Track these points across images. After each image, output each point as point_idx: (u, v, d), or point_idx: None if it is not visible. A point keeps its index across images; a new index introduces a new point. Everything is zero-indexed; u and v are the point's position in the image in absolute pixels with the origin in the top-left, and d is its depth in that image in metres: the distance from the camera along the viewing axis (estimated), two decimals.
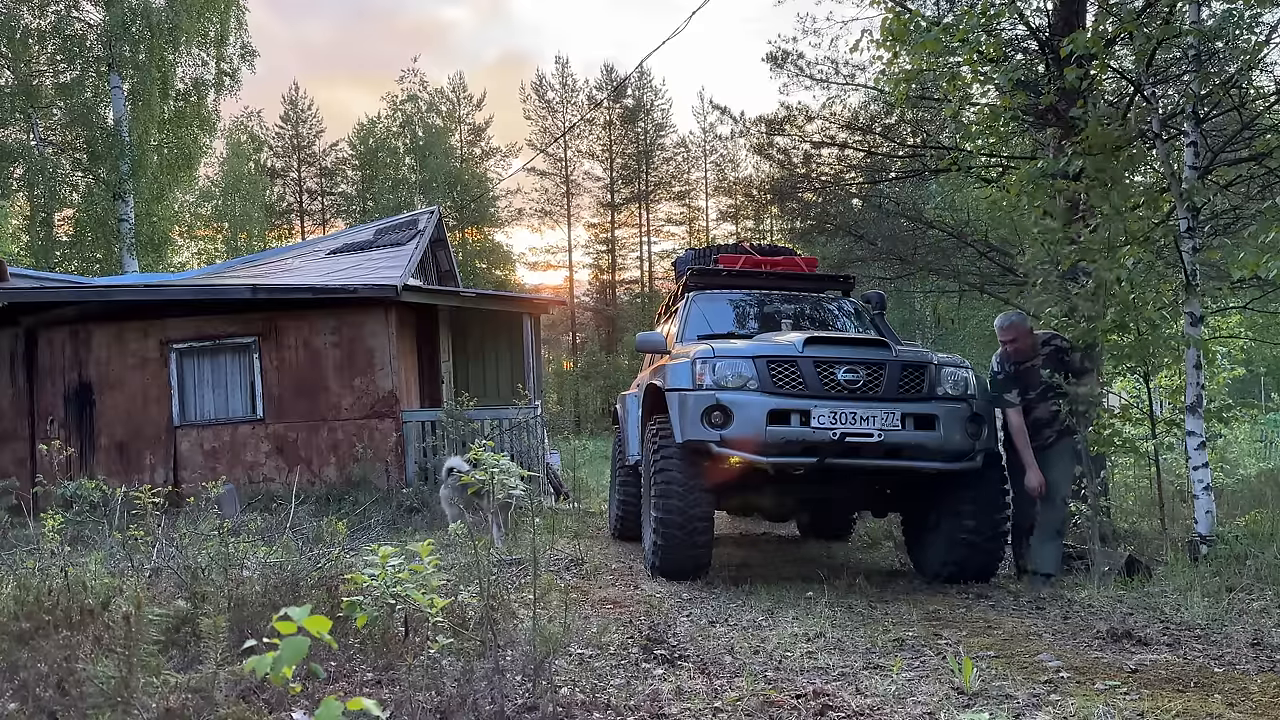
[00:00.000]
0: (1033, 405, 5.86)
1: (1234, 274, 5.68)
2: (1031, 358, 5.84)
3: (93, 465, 10.63)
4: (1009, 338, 5.91)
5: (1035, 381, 5.80)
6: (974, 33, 6.34)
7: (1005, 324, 5.98)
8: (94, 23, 20.00)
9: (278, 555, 4.46)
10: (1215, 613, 4.28)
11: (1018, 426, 5.77)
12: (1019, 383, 5.84)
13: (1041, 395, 5.81)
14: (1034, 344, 5.92)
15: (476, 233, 41.44)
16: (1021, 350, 5.87)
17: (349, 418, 10.60)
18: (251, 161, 38.31)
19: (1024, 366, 5.86)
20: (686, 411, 5.32)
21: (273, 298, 10.82)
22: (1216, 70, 6.84)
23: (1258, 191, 7.48)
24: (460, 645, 3.18)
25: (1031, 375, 5.81)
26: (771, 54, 14.23)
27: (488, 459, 3.25)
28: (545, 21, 70.73)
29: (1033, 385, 5.82)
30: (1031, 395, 5.84)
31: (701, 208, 45.12)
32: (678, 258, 8.40)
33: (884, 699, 3.04)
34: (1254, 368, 19.84)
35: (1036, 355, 5.85)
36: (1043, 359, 5.84)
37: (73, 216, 22.03)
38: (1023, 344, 5.87)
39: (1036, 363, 5.84)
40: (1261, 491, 9.72)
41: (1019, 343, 5.85)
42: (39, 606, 3.43)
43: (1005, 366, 5.89)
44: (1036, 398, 5.84)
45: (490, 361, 14.25)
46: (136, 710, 2.51)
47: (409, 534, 7.94)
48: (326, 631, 1.78)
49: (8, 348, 11.09)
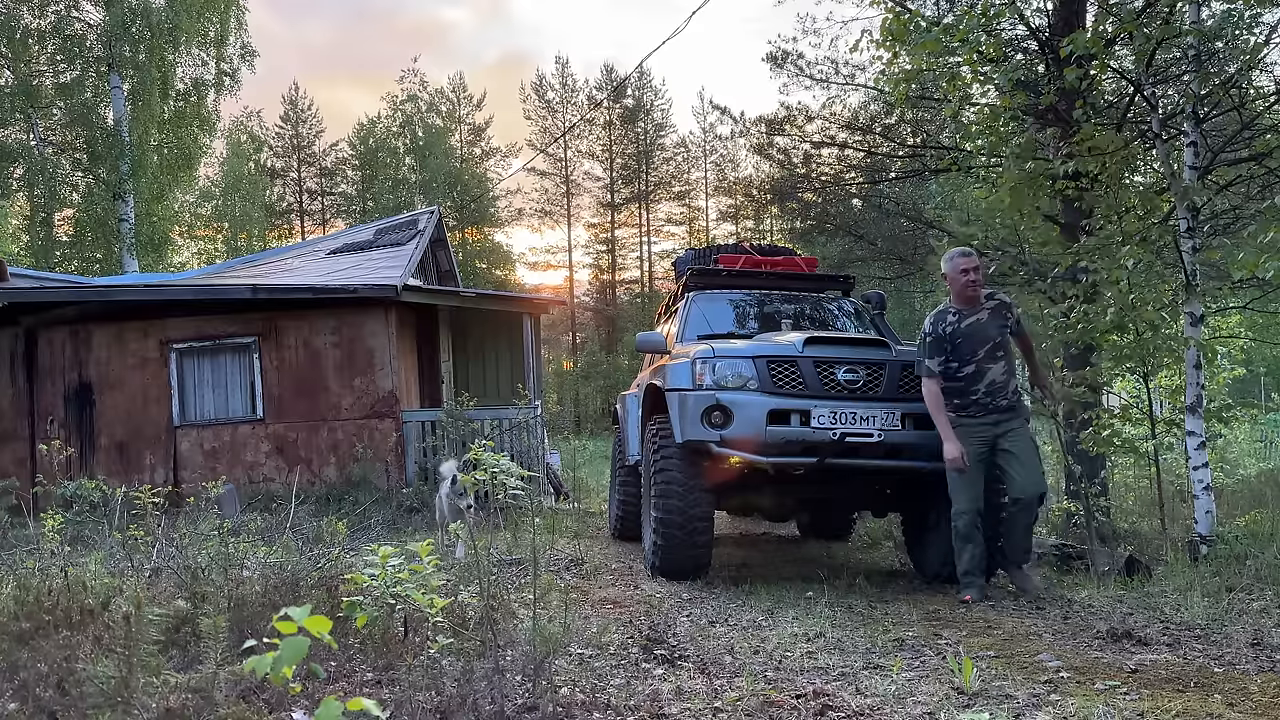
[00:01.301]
0: (984, 365, 5.17)
1: (1234, 274, 5.69)
2: (977, 311, 5.24)
3: (93, 465, 10.63)
4: (968, 266, 5.24)
5: (985, 337, 5.19)
6: (974, 33, 6.34)
7: (962, 254, 5.35)
8: (94, 23, 20.00)
9: (278, 555, 4.46)
10: (1215, 613, 4.28)
11: (934, 398, 5.13)
12: (965, 341, 5.18)
13: (991, 354, 5.18)
14: (972, 296, 5.27)
15: (476, 233, 41.44)
16: (973, 294, 5.23)
17: (349, 418, 10.61)
18: (251, 161, 38.31)
19: (968, 323, 5.21)
20: (686, 411, 5.32)
21: (273, 298, 10.82)
22: (1216, 70, 6.85)
23: (1258, 191, 7.49)
24: (460, 645, 3.18)
25: (978, 332, 5.19)
26: (771, 54, 14.25)
27: (488, 459, 3.25)
28: (545, 21, 70.82)
29: (982, 341, 5.19)
30: (980, 353, 5.17)
31: (701, 208, 45.14)
32: (678, 258, 8.40)
33: (884, 699, 3.04)
34: (1254, 368, 19.85)
35: (982, 308, 5.25)
36: (989, 313, 5.24)
37: (73, 216, 22.04)
38: (976, 286, 5.23)
39: (982, 317, 5.22)
40: (1261, 491, 9.72)
41: (975, 278, 5.22)
42: (39, 606, 3.43)
43: (938, 328, 5.23)
44: (985, 356, 5.17)
45: (490, 361, 14.26)
46: (136, 710, 2.51)
47: (409, 534, 7.94)
48: (326, 631, 1.78)
49: (8, 348, 11.09)
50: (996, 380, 5.15)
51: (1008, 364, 5.22)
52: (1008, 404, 5.16)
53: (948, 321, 5.24)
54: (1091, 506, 6.40)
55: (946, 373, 5.17)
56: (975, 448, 5.08)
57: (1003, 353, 5.21)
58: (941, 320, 5.26)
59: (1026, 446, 5.14)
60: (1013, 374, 5.25)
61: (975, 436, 5.10)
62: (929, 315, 5.41)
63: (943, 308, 5.36)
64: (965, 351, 5.17)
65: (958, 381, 5.17)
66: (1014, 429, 5.12)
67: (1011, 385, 5.20)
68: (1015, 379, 5.28)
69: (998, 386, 5.15)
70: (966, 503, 5.08)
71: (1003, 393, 5.16)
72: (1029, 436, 5.22)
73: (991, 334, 5.19)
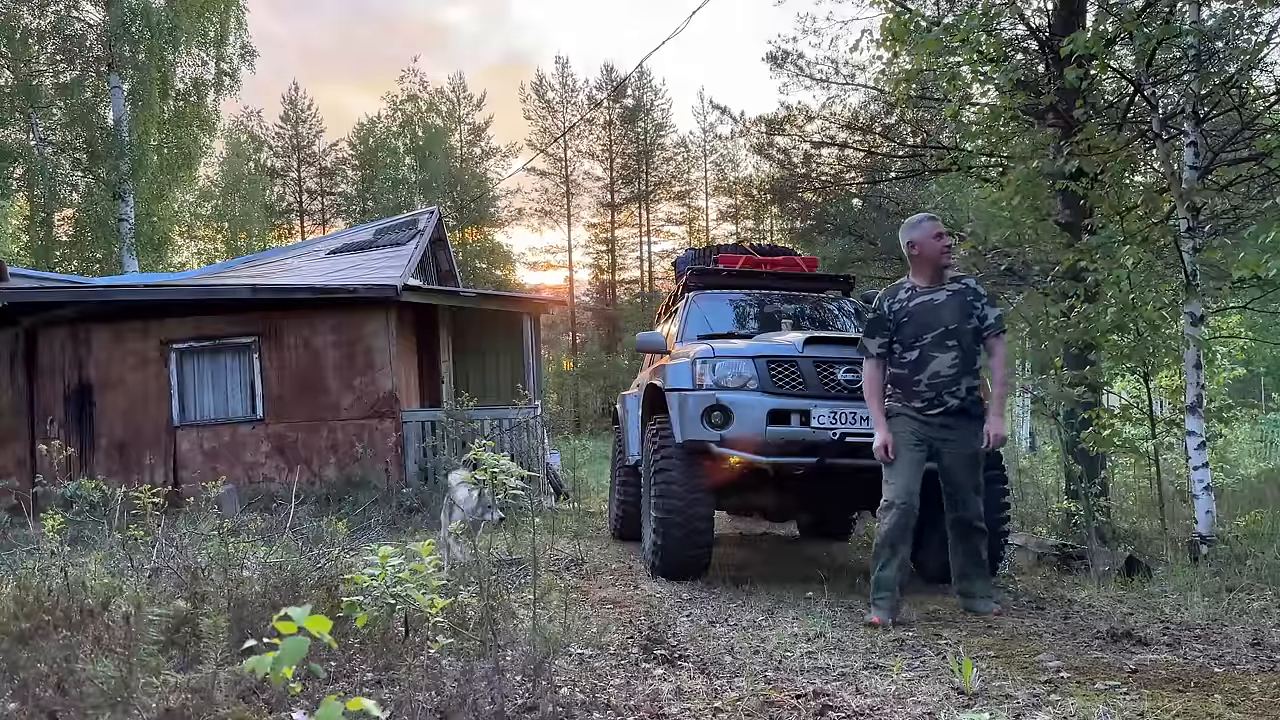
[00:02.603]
0: (929, 353, 4.53)
1: (1234, 274, 5.68)
2: (934, 290, 4.63)
3: (93, 465, 10.63)
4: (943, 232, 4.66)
5: (935, 321, 4.56)
6: (974, 33, 6.35)
7: (930, 219, 4.76)
8: (94, 23, 20.00)
9: (278, 555, 4.46)
10: (1215, 613, 4.29)
11: (869, 382, 4.65)
12: (911, 323, 4.60)
13: (940, 341, 4.53)
14: (944, 269, 4.69)
15: (476, 233, 41.44)
16: (948, 263, 4.69)
17: (349, 418, 10.60)
18: (251, 161, 38.36)
19: (919, 302, 4.62)
20: (686, 411, 5.32)
21: (273, 298, 10.83)
22: (1216, 70, 6.84)
23: (1258, 191, 7.49)
24: (460, 645, 3.18)
25: (930, 313, 4.58)
26: (771, 54, 14.26)
27: (488, 459, 3.25)
28: (545, 21, 70.81)
29: (930, 325, 4.56)
30: (927, 339, 4.55)
31: (701, 208, 45.14)
32: (678, 258, 8.40)
33: (884, 699, 3.04)
34: (1254, 368, 19.85)
35: (942, 287, 4.64)
36: (949, 294, 4.60)
37: (73, 216, 22.04)
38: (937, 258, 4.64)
39: (938, 298, 4.60)
40: (1261, 491, 9.74)
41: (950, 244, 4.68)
42: (39, 606, 3.43)
43: (884, 305, 4.69)
44: (933, 342, 4.54)
45: (490, 361, 14.26)
46: (136, 710, 2.51)
47: (409, 534, 7.94)
48: (326, 631, 1.78)
49: (8, 348, 11.09)
50: (942, 373, 4.51)
51: (961, 357, 4.53)
52: (957, 405, 4.51)
53: (897, 299, 4.67)
54: (1091, 506, 6.40)
55: (891, 357, 4.66)
56: (908, 439, 4.52)
57: (955, 342, 4.53)
58: (891, 296, 4.71)
59: (964, 464, 4.53)
60: (968, 372, 4.54)
61: (909, 429, 4.54)
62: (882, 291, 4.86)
63: (898, 283, 4.81)
64: (909, 334, 4.59)
65: (900, 368, 4.62)
66: (955, 439, 4.51)
67: (963, 384, 4.51)
68: (972, 378, 4.56)
69: (943, 381, 4.51)
70: (891, 493, 4.51)
71: (949, 388, 4.50)
72: (974, 451, 4.54)
73: (945, 319, 4.56)
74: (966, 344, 4.57)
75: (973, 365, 4.57)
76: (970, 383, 4.55)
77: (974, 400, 4.58)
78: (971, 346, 4.59)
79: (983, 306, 4.62)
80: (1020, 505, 8.48)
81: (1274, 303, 9.10)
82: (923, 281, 4.67)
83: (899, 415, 4.59)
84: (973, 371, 4.57)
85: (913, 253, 4.70)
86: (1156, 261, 6.45)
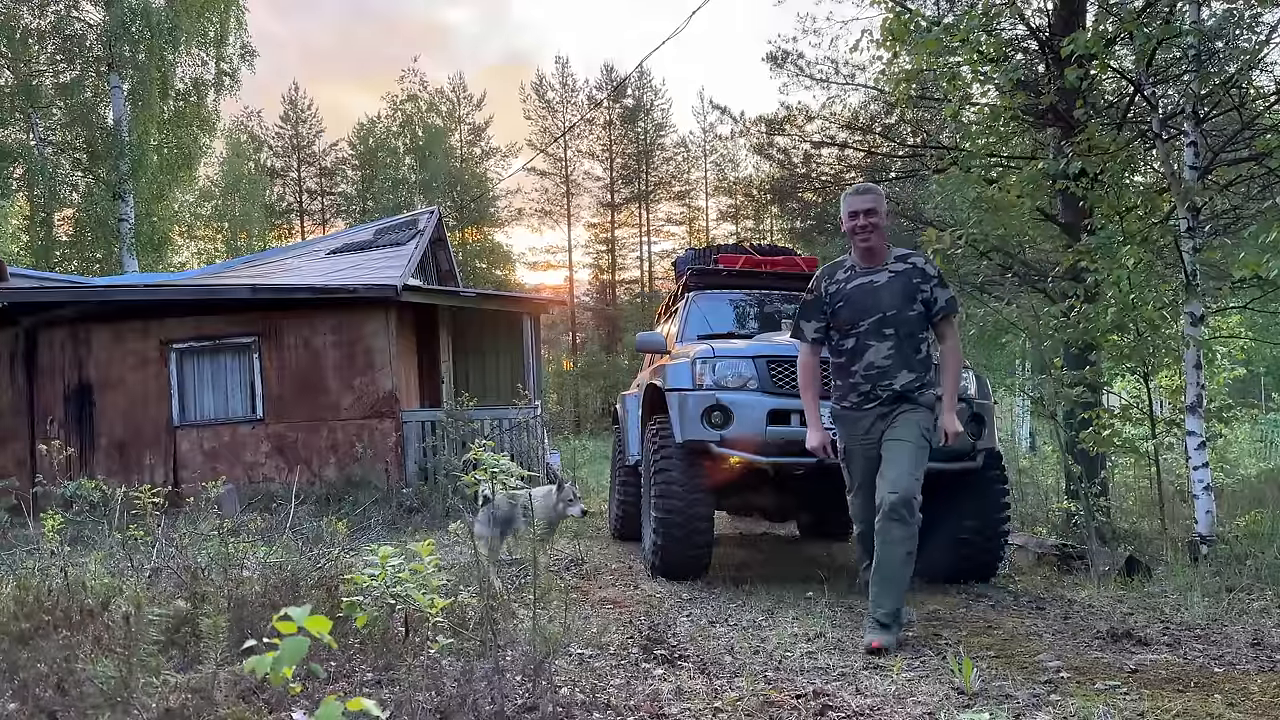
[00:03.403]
0: (865, 341, 4.11)
1: (1235, 274, 5.69)
2: (875, 271, 4.16)
3: (92, 465, 10.64)
4: (858, 208, 4.11)
5: (873, 306, 4.10)
6: (974, 33, 6.35)
7: (855, 192, 4.22)
8: (94, 23, 20.00)
9: (278, 555, 4.46)
10: (1215, 613, 4.29)
11: (803, 369, 4.30)
12: (847, 307, 4.16)
13: (877, 328, 4.08)
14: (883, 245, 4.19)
15: (476, 233, 41.44)
16: (864, 246, 4.15)
17: (349, 418, 10.60)
18: (251, 161, 38.33)
19: (856, 284, 4.16)
20: (686, 411, 5.32)
21: (273, 298, 10.83)
22: (1216, 70, 6.84)
23: (1258, 191, 7.49)
24: (460, 645, 3.18)
25: (868, 295, 4.12)
26: (771, 54, 14.27)
27: (487, 459, 3.25)
28: (545, 21, 70.80)
29: (868, 310, 4.10)
30: (863, 325, 4.10)
31: (701, 208, 45.13)
32: (678, 258, 8.40)
33: (884, 699, 3.04)
34: (1254, 368, 19.86)
35: (884, 266, 4.16)
36: (890, 275, 4.12)
37: (73, 216, 22.04)
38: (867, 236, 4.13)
39: (877, 279, 4.13)
40: (1261, 491, 9.74)
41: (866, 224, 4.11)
42: (39, 606, 3.43)
43: (820, 285, 4.28)
44: (870, 329, 4.09)
45: (490, 361, 14.26)
46: (136, 710, 2.51)
47: (409, 534, 7.94)
48: (326, 631, 1.78)
49: (8, 348, 11.09)
50: (876, 364, 4.07)
51: (897, 347, 4.06)
52: (894, 396, 4.07)
53: (835, 279, 4.23)
54: (1091, 506, 6.40)
55: (830, 345, 4.27)
56: (859, 449, 4.18)
57: (891, 330, 4.06)
58: (829, 276, 4.26)
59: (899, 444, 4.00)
60: (906, 364, 4.05)
61: (858, 429, 4.16)
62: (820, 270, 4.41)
63: (837, 261, 4.35)
64: (845, 319, 4.16)
65: (838, 357, 4.23)
66: (898, 420, 4.03)
67: (901, 378, 4.04)
68: (913, 372, 4.06)
69: (878, 372, 4.07)
70: (862, 510, 4.21)
71: (884, 381, 4.06)
72: (913, 429, 4.02)
73: (884, 303, 4.08)
74: (906, 332, 4.07)
75: (914, 356, 4.07)
76: (908, 378, 4.05)
77: (916, 390, 4.06)
78: (914, 335, 4.08)
79: (931, 288, 4.09)
80: (1020, 505, 8.48)
81: (1274, 303, 9.10)
82: (863, 261, 4.19)
83: (843, 416, 4.22)
84: (914, 364, 4.06)
85: (843, 229, 4.28)
86: (1156, 261, 6.45)
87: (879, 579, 3.88)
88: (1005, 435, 19.38)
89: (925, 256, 4.23)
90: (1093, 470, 7.56)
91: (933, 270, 4.15)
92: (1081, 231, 7.36)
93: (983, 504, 5.40)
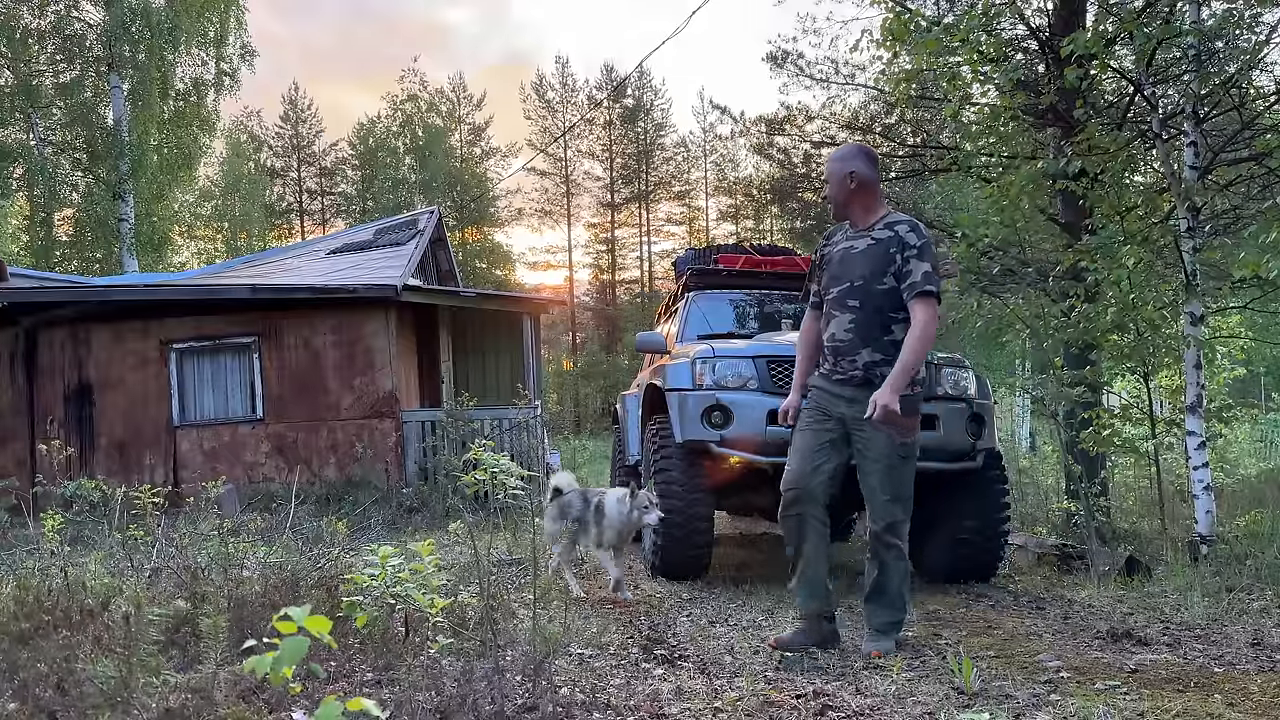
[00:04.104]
0: (832, 310, 3.79)
1: (1235, 274, 5.69)
2: (860, 235, 3.79)
3: (92, 465, 10.64)
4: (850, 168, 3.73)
5: (846, 274, 3.74)
6: (974, 33, 6.35)
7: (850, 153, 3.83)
8: (94, 23, 20.00)
9: (278, 555, 4.46)
10: (1215, 613, 4.29)
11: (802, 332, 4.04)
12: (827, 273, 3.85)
13: (841, 299, 3.73)
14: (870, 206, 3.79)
15: (476, 233, 41.44)
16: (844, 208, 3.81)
17: (349, 418, 10.60)
18: (251, 161, 38.33)
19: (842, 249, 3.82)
20: (686, 411, 5.32)
21: (273, 298, 10.83)
22: (1216, 70, 6.84)
23: (1258, 191, 7.49)
24: (460, 645, 3.18)
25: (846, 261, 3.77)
26: (771, 54, 14.28)
27: (487, 459, 3.25)
28: (545, 21, 70.81)
29: (840, 277, 3.77)
30: (833, 292, 3.78)
31: (701, 208, 45.15)
32: (678, 258, 8.41)
33: (884, 699, 3.04)
34: (1254, 368, 19.86)
35: (869, 231, 3.76)
36: (871, 242, 3.71)
37: (73, 216, 22.04)
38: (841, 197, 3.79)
39: (856, 245, 3.75)
40: (1261, 491, 9.73)
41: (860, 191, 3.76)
42: (39, 606, 3.43)
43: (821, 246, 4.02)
44: (837, 299, 3.76)
45: (490, 361, 14.26)
46: (136, 710, 2.51)
47: (409, 534, 7.94)
48: (326, 631, 1.78)
49: (8, 348, 11.09)
50: (838, 336, 3.73)
51: (857, 321, 3.68)
52: (860, 376, 3.67)
53: (832, 240, 3.93)
54: (1091, 506, 6.40)
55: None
56: (809, 414, 3.81)
57: (856, 303, 3.69)
58: (828, 237, 3.99)
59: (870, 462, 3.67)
60: (869, 342, 3.66)
61: (814, 401, 3.82)
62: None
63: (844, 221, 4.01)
64: (825, 285, 3.86)
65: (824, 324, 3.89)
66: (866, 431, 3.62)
67: (864, 356, 3.66)
68: (879, 353, 3.65)
69: (838, 346, 3.73)
70: (789, 477, 3.79)
71: (846, 357, 3.70)
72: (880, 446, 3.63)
73: (854, 271, 3.71)
74: (872, 305, 3.67)
75: (881, 336, 3.66)
76: (871, 358, 3.65)
77: (877, 374, 3.63)
78: (881, 310, 3.66)
79: (906, 259, 3.61)
80: (1020, 505, 8.47)
81: (1274, 303, 9.11)
82: (856, 222, 3.83)
83: (814, 384, 3.86)
84: (881, 344, 3.66)
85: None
86: (1156, 261, 6.46)
87: (876, 597, 3.75)
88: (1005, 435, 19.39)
89: (913, 223, 3.70)
90: (1093, 470, 7.56)
91: (915, 240, 3.63)
92: (1082, 231, 7.36)
93: (983, 504, 5.40)
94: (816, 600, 3.72)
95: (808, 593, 3.73)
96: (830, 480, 3.71)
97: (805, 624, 3.71)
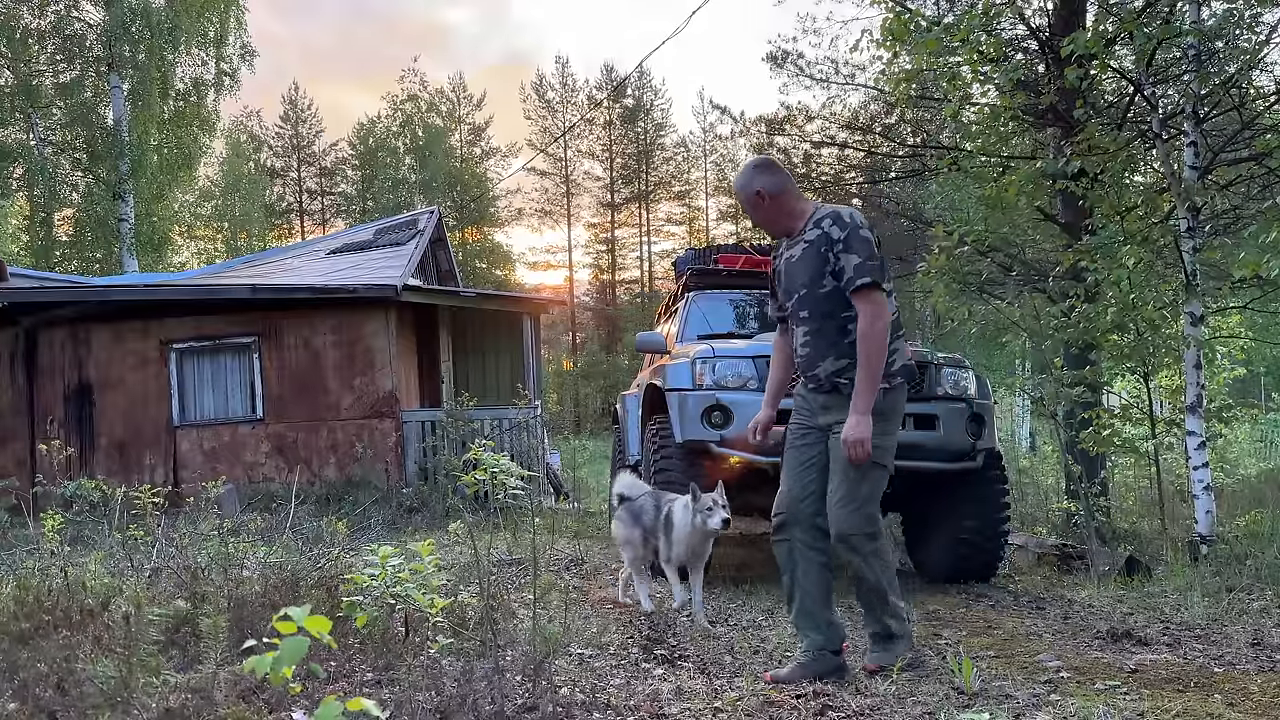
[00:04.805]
0: (793, 324, 3.54)
1: (1235, 274, 5.69)
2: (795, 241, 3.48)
3: (92, 465, 10.63)
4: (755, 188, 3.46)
5: (792, 283, 3.49)
6: (974, 33, 6.35)
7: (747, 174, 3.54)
8: (94, 23, 20.00)
9: (278, 555, 4.46)
10: (1215, 613, 4.29)
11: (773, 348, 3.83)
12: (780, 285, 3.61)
13: (797, 310, 3.47)
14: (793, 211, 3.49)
15: (476, 233, 41.46)
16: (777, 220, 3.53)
17: (349, 418, 10.60)
18: (251, 161, 38.36)
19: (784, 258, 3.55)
20: (686, 411, 5.32)
21: (273, 298, 10.83)
22: (1216, 70, 6.84)
23: (1258, 191, 7.50)
24: (460, 645, 3.18)
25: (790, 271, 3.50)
26: (771, 54, 14.27)
27: (487, 459, 3.25)
28: (545, 21, 70.85)
29: (789, 289, 3.52)
30: (788, 306, 3.54)
31: (701, 208, 45.18)
32: (678, 258, 8.41)
33: (884, 699, 3.04)
34: (1254, 368, 19.86)
35: (801, 235, 3.45)
36: (804, 246, 3.41)
37: (73, 216, 22.04)
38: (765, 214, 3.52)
39: (794, 253, 3.47)
40: (1261, 491, 9.74)
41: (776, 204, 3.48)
42: (39, 606, 3.43)
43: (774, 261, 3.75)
44: (794, 308, 3.49)
45: (490, 361, 14.25)
46: (136, 710, 2.51)
47: (409, 534, 7.93)
48: (326, 631, 1.78)
49: (8, 348, 11.09)
50: (799, 351, 3.51)
51: (818, 330, 3.41)
52: (828, 388, 3.43)
53: (779, 253, 3.64)
54: (1091, 506, 6.40)
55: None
56: (794, 432, 3.58)
57: (807, 313, 3.43)
58: (777, 250, 3.67)
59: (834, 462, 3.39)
60: (830, 350, 3.39)
61: (797, 418, 3.59)
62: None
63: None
64: (783, 301, 3.62)
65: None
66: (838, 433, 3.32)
67: (826, 366, 3.39)
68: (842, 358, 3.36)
69: (802, 362, 3.51)
70: (778, 501, 3.60)
71: (811, 370, 3.46)
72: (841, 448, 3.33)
73: (796, 281, 3.46)
74: (820, 312, 3.40)
75: (840, 340, 3.37)
76: (834, 365, 3.38)
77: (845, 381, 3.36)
78: (833, 315, 3.38)
79: (837, 256, 3.31)
80: (1020, 505, 8.48)
81: (1274, 303, 9.11)
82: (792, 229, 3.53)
83: (796, 394, 3.62)
84: (840, 348, 3.37)
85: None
86: (1156, 261, 6.46)
87: (862, 605, 3.51)
88: (1005, 435, 19.39)
89: (835, 214, 3.36)
90: (1093, 470, 7.56)
91: (839, 232, 3.30)
92: (1082, 231, 7.36)
93: (983, 504, 5.40)
94: (818, 634, 3.38)
95: (807, 625, 3.41)
96: (821, 499, 3.44)
97: (806, 657, 3.36)
